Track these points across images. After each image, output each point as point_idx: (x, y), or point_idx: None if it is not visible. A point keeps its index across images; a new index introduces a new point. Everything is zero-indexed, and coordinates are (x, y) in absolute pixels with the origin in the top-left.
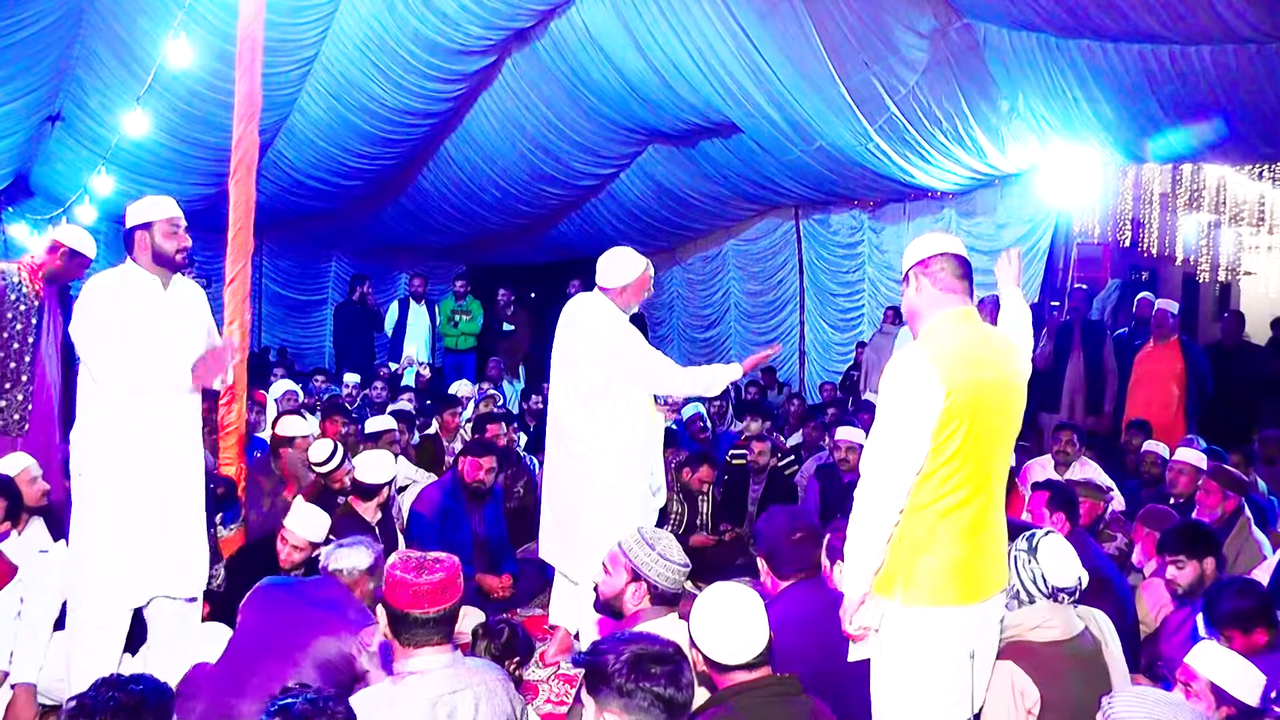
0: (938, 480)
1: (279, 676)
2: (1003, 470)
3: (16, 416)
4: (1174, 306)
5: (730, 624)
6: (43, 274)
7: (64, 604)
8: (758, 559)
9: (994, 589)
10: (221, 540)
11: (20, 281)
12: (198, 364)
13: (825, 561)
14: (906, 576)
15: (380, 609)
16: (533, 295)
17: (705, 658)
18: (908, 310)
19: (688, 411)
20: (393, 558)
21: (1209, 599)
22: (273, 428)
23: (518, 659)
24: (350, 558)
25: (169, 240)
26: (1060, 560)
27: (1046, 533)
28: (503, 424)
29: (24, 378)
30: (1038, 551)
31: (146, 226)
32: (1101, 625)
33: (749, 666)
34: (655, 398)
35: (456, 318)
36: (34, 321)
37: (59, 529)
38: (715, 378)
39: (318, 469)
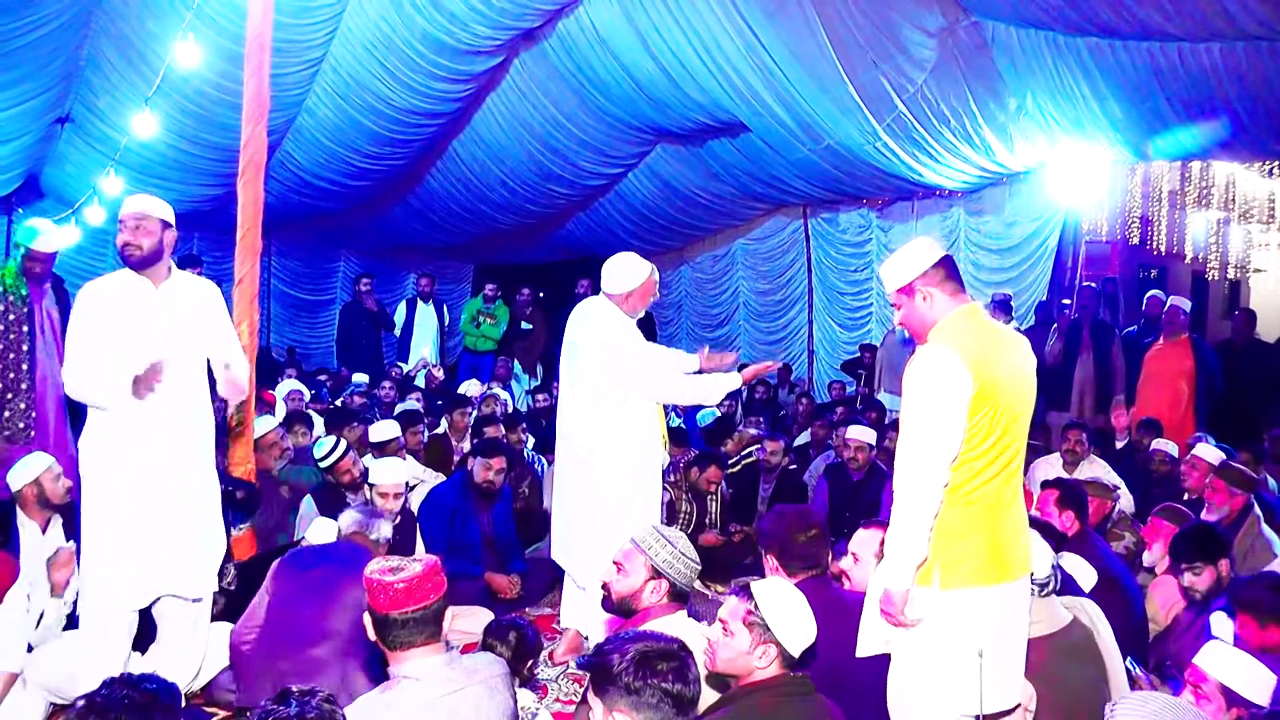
0: (971, 464)
1: (319, 626)
2: (1022, 454)
3: (21, 425)
4: (1186, 304)
5: (808, 619)
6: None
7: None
8: (767, 556)
9: (1024, 568)
10: (232, 540)
11: (6, 290)
12: (137, 378)
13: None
14: (945, 561)
15: (365, 617)
16: (541, 295)
17: (782, 650)
18: (919, 323)
19: (705, 417)
20: (371, 564)
21: (1236, 584)
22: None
23: (530, 661)
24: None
25: (119, 236)
26: None
27: None
28: (501, 425)
29: (24, 385)
30: None
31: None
32: (1090, 613)
33: (785, 662)
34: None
35: (480, 319)
36: (25, 329)
37: (70, 529)
38: (716, 386)
39: (321, 465)
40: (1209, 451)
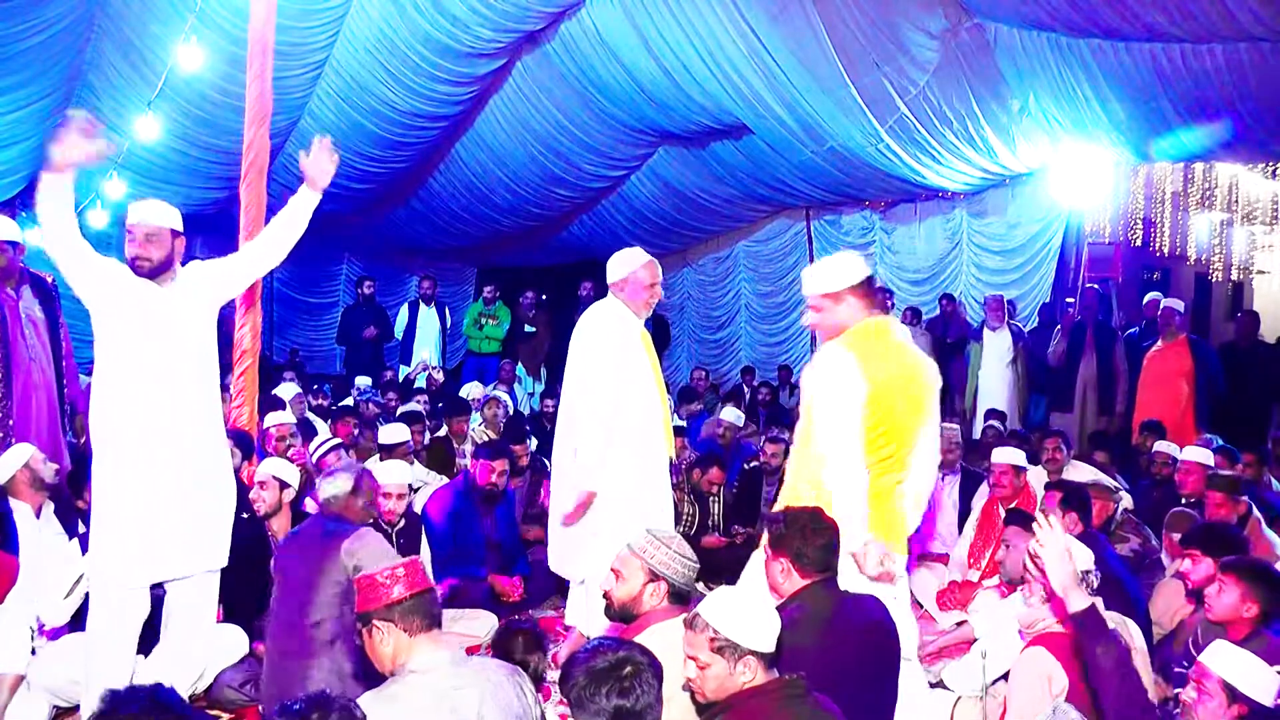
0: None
1: (304, 608)
2: (921, 449)
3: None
4: (1179, 304)
5: (763, 611)
6: None
7: (81, 606)
8: (778, 558)
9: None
10: None
11: None
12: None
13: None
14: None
15: (363, 627)
16: (544, 297)
17: (759, 655)
18: (832, 327)
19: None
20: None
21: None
22: None
23: (537, 655)
24: (333, 486)
25: (128, 248)
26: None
27: None
28: (526, 443)
29: None
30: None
31: (128, 241)
32: (1131, 631)
33: (767, 663)
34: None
35: (483, 320)
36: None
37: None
38: (591, 474)
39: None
40: (1198, 453)
